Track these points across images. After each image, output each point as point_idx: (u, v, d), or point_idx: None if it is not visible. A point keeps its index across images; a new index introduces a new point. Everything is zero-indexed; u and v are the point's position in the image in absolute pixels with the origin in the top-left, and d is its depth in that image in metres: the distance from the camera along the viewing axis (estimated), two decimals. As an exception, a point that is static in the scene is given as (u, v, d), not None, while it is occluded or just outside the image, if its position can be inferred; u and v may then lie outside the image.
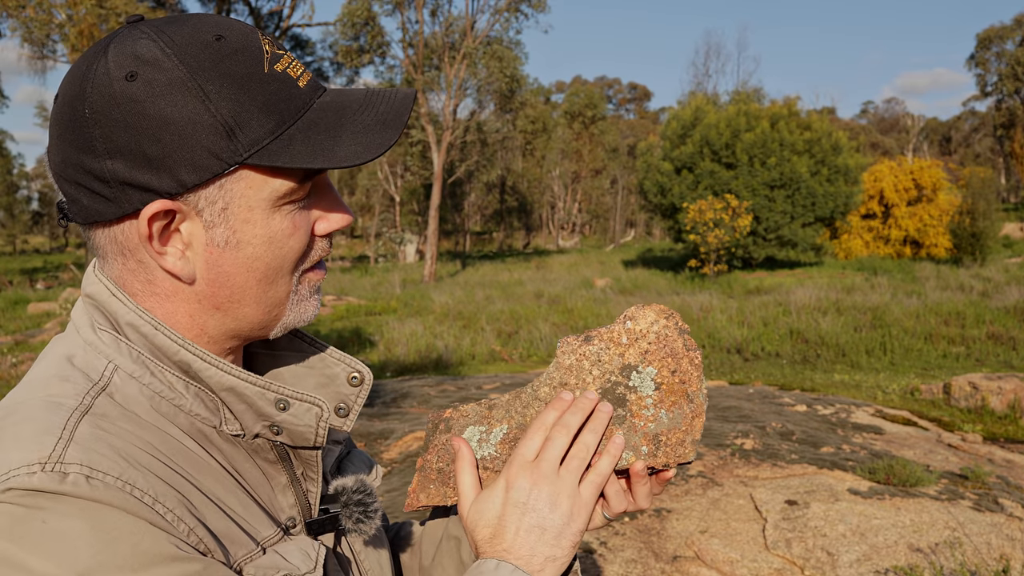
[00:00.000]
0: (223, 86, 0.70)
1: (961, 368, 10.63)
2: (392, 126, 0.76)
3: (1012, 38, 50.81)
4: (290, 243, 0.77)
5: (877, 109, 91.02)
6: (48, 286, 26.94)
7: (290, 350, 0.90)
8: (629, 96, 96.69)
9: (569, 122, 55.32)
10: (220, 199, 0.73)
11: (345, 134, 0.74)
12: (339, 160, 0.72)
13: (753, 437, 5.61)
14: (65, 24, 25.81)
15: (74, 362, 0.75)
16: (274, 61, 0.74)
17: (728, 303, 16.19)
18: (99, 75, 0.70)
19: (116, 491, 0.64)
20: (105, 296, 0.77)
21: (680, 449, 0.90)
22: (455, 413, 0.97)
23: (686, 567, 3.73)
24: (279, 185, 0.74)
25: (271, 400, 0.78)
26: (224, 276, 0.76)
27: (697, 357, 0.93)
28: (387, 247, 43.43)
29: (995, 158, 65.49)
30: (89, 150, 0.71)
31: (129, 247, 0.75)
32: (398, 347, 12.48)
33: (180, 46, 0.71)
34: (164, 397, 0.75)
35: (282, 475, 0.84)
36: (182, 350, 0.76)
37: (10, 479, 0.63)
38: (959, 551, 3.79)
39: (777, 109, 27.81)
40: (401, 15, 30.11)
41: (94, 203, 0.73)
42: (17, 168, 54.65)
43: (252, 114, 0.71)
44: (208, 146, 0.70)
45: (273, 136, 0.72)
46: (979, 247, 25.96)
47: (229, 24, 0.74)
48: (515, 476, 0.85)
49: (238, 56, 0.72)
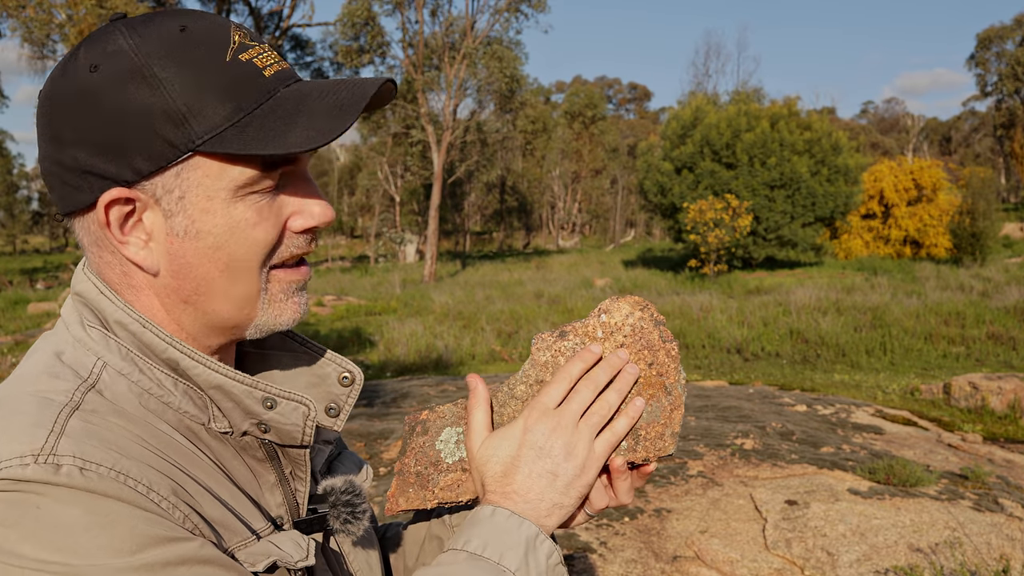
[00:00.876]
0: (179, 74, 0.71)
1: (961, 368, 10.63)
2: (349, 111, 0.74)
3: (1012, 38, 50.80)
4: (254, 234, 0.76)
5: (877, 109, 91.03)
6: (48, 286, 26.94)
7: (282, 350, 0.90)
8: (629, 96, 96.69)
9: (569, 122, 55.31)
10: (177, 187, 0.73)
11: (300, 120, 0.73)
12: (289, 146, 0.71)
13: (753, 437, 5.61)
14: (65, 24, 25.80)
15: (63, 359, 0.75)
16: (241, 51, 0.74)
17: (728, 303, 16.19)
18: (69, 70, 0.73)
19: (110, 481, 0.65)
20: (94, 294, 0.77)
21: (660, 443, 0.89)
22: (431, 415, 0.96)
23: (686, 567, 3.73)
24: (238, 173, 0.74)
25: (258, 398, 0.78)
26: (187, 267, 0.76)
27: (674, 348, 0.91)
28: (387, 247, 43.43)
29: (995, 158, 65.48)
30: (58, 141, 0.73)
31: (99, 237, 0.76)
32: (398, 347, 12.47)
33: (144, 38, 0.72)
34: (153, 394, 0.76)
35: (270, 474, 0.84)
36: (170, 348, 0.76)
37: (2, 470, 0.63)
38: (959, 551, 3.79)
39: (777, 109, 27.80)
40: (401, 15, 30.11)
41: (65, 193, 0.74)
42: (17, 168, 54.64)
43: (207, 102, 0.71)
44: (162, 133, 0.71)
45: (228, 123, 0.72)
46: (979, 247, 25.96)
47: (201, 16, 0.75)
48: (535, 420, 0.85)
49: (199, 46, 0.72)
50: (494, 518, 0.82)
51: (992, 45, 51.45)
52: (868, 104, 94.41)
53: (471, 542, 0.80)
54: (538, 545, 0.81)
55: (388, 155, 43.09)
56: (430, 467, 0.94)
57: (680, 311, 15.11)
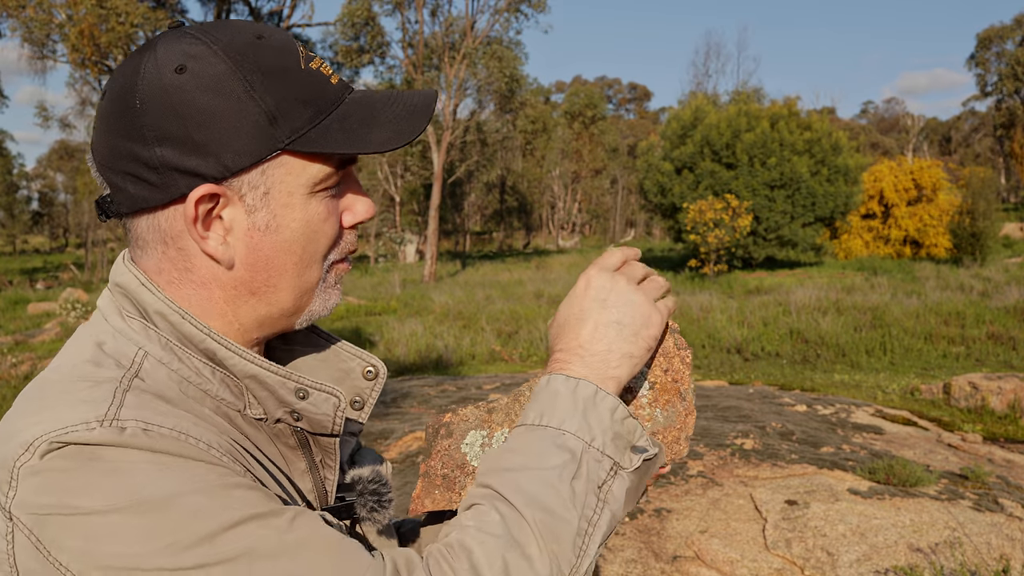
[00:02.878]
0: (265, 79, 0.76)
1: (961, 368, 10.63)
2: (419, 115, 0.81)
3: (1012, 38, 50.81)
4: (324, 228, 0.81)
5: (877, 109, 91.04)
6: (48, 286, 26.95)
7: (307, 345, 0.93)
8: (629, 96, 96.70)
9: (569, 122, 55.31)
10: (262, 184, 0.77)
11: (377, 123, 0.80)
12: (374, 145, 0.78)
13: (753, 437, 5.61)
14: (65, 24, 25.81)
15: (104, 348, 0.77)
16: (308, 60, 0.80)
17: (728, 303, 16.19)
18: (149, 69, 0.75)
19: (173, 440, 0.68)
20: (135, 285, 0.80)
21: (676, 447, 0.91)
22: (455, 417, 0.97)
23: (686, 567, 3.73)
24: (316, 171, 0.79)
25: (291, 389, 0.81)
26: (263, 260, 0.79)
27: (688, 356, 0.93)
28: (387, 247, 43.44)
29: (995, 158, 65.48)
30: (139, 138, 0.75)
31: (172, 234, 0.78)
32: (398, 347, 12.47)
33: (224, 43, 0.76)
34: (192, 382, 0.78)
35: (301, 461, 0.86)
36: (208, 339, 0.78)
37: (68, 434, 0.66)
38: (959, 551, 3.79)
39: (777, 109, 27.80)
40: (401, 15, 30.12)
41: (141, 190, 0.76)
42: (17, 168, 54.61)
43: (292, 104, 0.76)
44: (251, 132, 0.75)
45: (311, 125, 0.77)
46: (979, 247, 25.96)
47: (267, 27, 0.80)
48: (595, 276, 0.87)
49: (278, 53, 0.77)
50: (550, 386, 0.81)
51: (992, 45, 51.46)
52: (868, 104, 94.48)
53: (528, 415, 0.81)
54: (598, 402, 0.80)
55: (388, 155, 43.09)
56: (456, 470, 0.94)
57: (680, 311, 15.11)
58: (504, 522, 0.73)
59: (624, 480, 0.79)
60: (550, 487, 0.75)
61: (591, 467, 0.77)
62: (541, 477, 0.75)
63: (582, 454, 0.77)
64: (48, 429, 0.66)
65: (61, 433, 0.66)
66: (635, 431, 0.81)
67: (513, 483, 0.75)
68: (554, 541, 0.72)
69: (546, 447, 0.77)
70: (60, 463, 0.65)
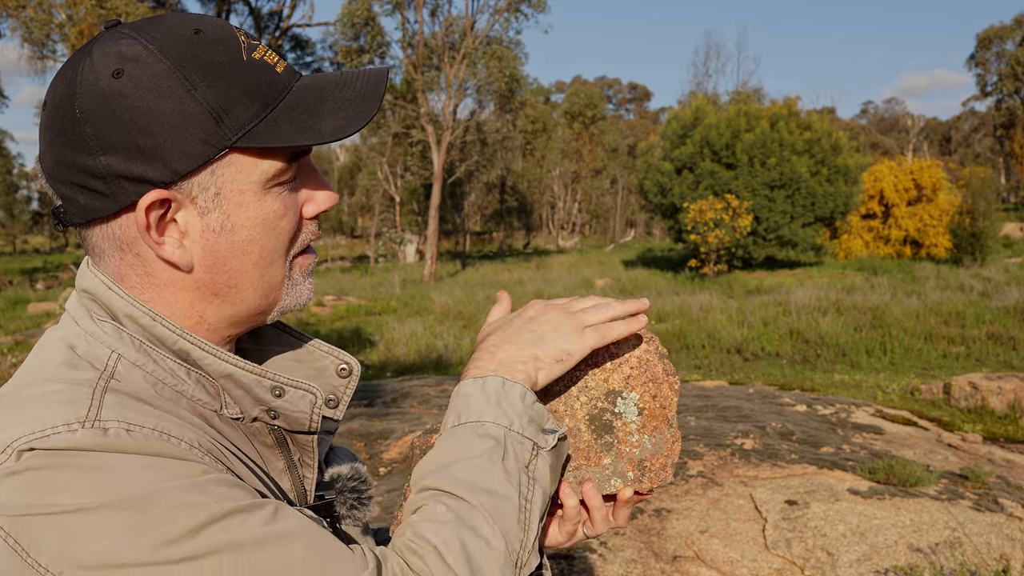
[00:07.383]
0: (206, 75, 0.73)
1: (961, 368, 10.62)
2: (370, 100, 0.78)
3: (1012, 38, 50.79)
4: (282, 224, 0.79)
5: (877, 109, 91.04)
6: (48, 286, 26.93)
7: (278, 344, 0.92)
8: (629, 96, 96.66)
9: (569, 122, 55.29)
10: (212, 185, 0.75)
11: (326, 111, 0.77)
12: (324, 135, 0.75)
13: (753, 437, 5.61)
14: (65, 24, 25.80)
15: (77, 351, 0.76)
16: (251, 50, 0.76)
17: (728, 303, 16.18)
18: (86, 76, 0.72)
19: (156, 439, 0.68)
20: (102, 290, 0.78)
21: (663, 473, 0.92)
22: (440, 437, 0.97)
23: (686, 567, 3.73)
24: (268, 166, 0.77)
25: (267, 387, 0.80)
26: (221, 261, 0.78)
27: (676, 383, 0.93)
28: (387, 247, 43.44)
29: (995, 158, 65.46)
30: (82, 148, 0.72)
31: (127, 241, 0.77)
32: (398, 347, 12.47)
33: (160, 42, 0.73)
34: (167, 384, 0.77)
35: (279, 460, 0.86)
36: (180, 339, 0.77)
37: (49, 437, 0.65)
38: (959, 551, 3.79)
39: (777, 109, 27.80)
40: (401, 15, 30.10)
41: (91, 200, 0.74)
42: (17, 168, 54.59)
43: (236, 100, 0.74)
44: (197, 133, 0.72)
45: (258, 119, 0.75)
46: (979, 247, 25.95)
47: (203, 19, 0.77)
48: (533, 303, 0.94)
49: (217, 46, 0.74)
50: (460, 391, 0.85)
51: (992, 45, 51.44)
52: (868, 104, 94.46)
53: (447, 422, 0.84)
54: (508, 391, 0.83)
55: (388, 155, 43.09)
56: None
57: (680, 311, 15.11)
58: (451, 511, 0.76)
59: (546, 459, 0.82)
60: (484, 471, 0.78)
61: (516, 448, 0.80)
62: (473, 464, 0.78)
63: (505, 438, 0.80)
64: (27, 431, 0.65)
65: (41, 435, 0.65)
66: (543, 415, 0.85)
67: (449, 476, 0.78)
68: (501, 518, 0.76)
69: (470, 439, 0.80)
70: (39, 463, 0.64)
